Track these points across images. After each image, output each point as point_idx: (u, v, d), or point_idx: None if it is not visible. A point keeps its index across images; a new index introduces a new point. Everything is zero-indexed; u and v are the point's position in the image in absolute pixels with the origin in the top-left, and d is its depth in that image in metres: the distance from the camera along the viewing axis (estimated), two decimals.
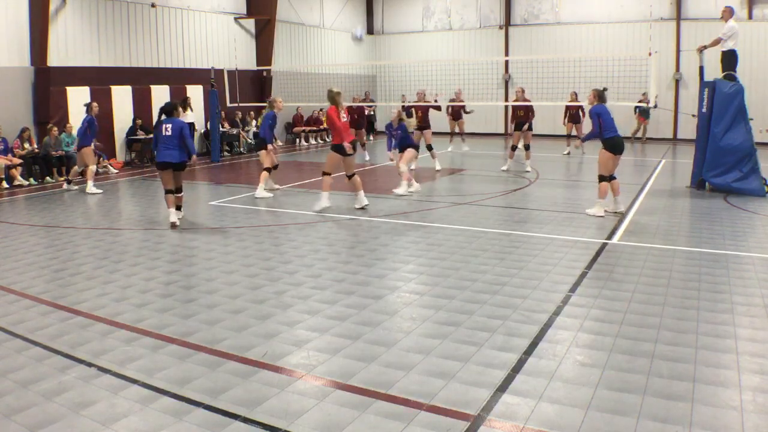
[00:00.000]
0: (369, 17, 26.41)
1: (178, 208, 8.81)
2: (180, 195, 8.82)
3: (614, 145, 9.06)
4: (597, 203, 9.15)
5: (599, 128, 9.03)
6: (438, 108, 14.70)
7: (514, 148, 14.28)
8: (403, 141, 11.08)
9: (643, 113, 19.72)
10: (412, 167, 11.49)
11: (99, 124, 15.24)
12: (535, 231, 8.10)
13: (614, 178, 9.15)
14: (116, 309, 5.38)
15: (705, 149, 10.94)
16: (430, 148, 13.98)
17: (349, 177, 9.60)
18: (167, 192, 8.69)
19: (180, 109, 9.38)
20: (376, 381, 3.94)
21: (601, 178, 9.08)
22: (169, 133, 8.46)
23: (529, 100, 14.35)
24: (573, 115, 17.13)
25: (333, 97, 9.36)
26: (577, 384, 3.87)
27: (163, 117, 8.64)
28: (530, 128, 14.20)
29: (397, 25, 26.00)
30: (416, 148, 11.34)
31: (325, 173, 9.58)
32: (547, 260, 6.71)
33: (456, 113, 17.74)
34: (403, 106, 13.43)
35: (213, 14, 18.62)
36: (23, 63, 13.71)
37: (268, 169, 11.18)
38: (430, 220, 8.89)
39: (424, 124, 13.93)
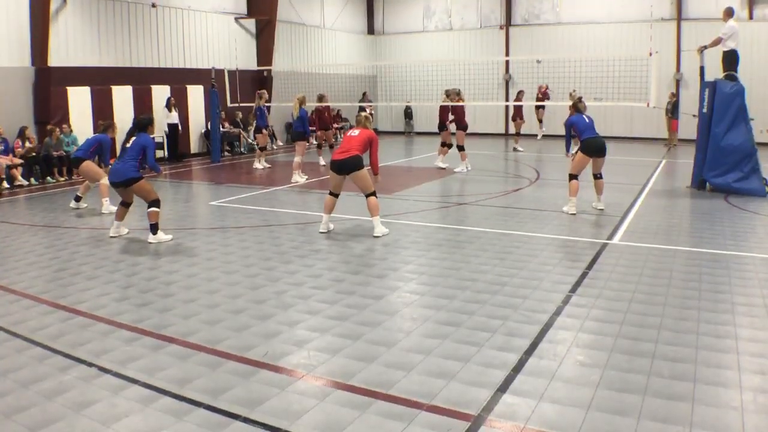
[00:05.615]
0: (369, 17, 26.41)
1: (153, 227, 7.80)
2: (152, 210, 7.79)
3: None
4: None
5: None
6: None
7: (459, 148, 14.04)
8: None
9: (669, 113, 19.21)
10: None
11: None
12: (536, 231, 8.10)
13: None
14: (117, 309, 5.38)
15: (706, 149, 10.93)
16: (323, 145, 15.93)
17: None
18: (120, 203, 8.14)
19: (152, 127, 8.24)
20: (376, 381, 3.93)
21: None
22: (129, 145, 7.79)
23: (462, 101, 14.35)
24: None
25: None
26: (578, 384, 3.87)
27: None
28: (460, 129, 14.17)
29: (398, 25, 26.00)
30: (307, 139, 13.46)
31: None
32: (547, 260, 6.71)
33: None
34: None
35: (213, 14, 18.62)
36: (24, 63, 13.71)
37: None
38: (430, 221, 8.89)
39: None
